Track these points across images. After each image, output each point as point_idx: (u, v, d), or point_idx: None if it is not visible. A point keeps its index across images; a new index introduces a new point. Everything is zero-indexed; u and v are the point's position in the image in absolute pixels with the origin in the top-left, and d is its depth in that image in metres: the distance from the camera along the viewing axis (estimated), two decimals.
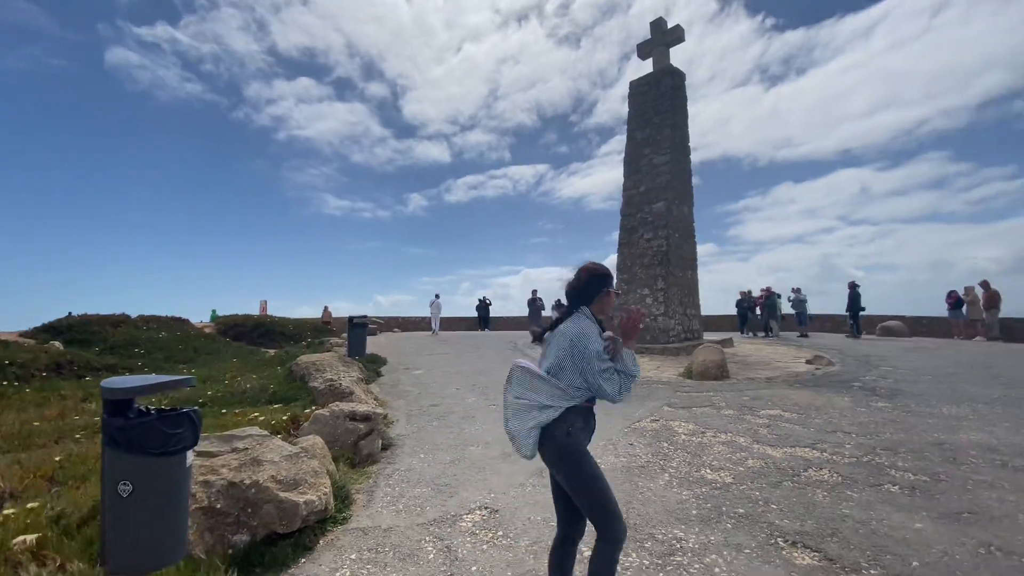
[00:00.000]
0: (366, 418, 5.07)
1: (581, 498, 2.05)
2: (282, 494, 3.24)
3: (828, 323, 19.68)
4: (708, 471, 4.11)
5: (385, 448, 5.19)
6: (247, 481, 3.28)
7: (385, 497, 3.84)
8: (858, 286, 16.50)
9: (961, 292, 14.80)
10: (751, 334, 17.70)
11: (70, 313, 14.12)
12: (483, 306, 24.84)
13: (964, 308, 14.79)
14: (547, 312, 23.05)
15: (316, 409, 5.42)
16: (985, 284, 14.31)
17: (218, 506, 3.17)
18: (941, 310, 17.02)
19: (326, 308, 23.18)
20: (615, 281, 3.40)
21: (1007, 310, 14.86)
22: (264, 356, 12.51)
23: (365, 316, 10.47)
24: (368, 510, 3.62)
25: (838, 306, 17.78)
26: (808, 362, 9.99)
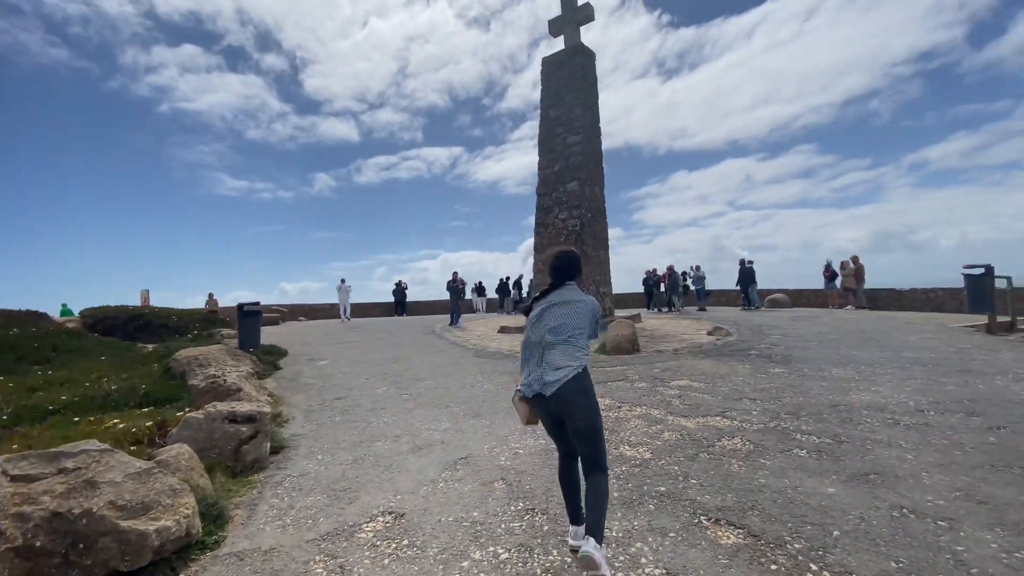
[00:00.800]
0: (249, 419, 4.40)
1: (590, 430, 2.39)
2: (125, 523, 2.60)
3: (723, 298, 21.22)
4: (627, 447, 3.99)
5: (276, 451, 4.55)
6: (77, 510, 2.59)
7: (270, 511, 3.27)
8: (751, 262, 17.87)
9: (837, 266, 16.48)
10: (657, 310, 18.59)
11: None
12: (399, 290, 23.89)
13: (838, 281, 16.50)
14: (468, 296, 22.65)
15: (189, 411, 4.63)
16: (855, 259, 16.05)
17: (38, 544, 2.48)
18: (813, 283, 18.98)
19: (211, 296, 20.95)
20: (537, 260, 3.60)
21: (867, 282, 16.86)
22: (140, 352, 10.91)
23: (258, 303, 9.41)
24: (247, 529, 3.05)
25: (729, 282, 19.23)
26: (709, 333, 10.54)
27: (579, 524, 2.53)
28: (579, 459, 2.53)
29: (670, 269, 17.96)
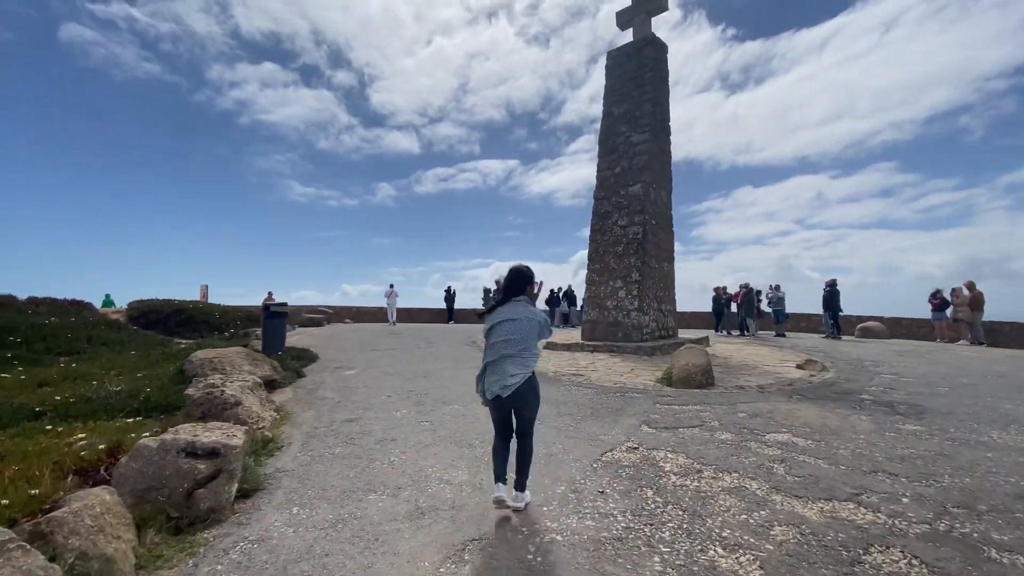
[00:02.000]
0: (212, 453, 3.42)
1: (534, 416, 3.29)
2: None
3: (804, 322, 18.87)
4: (719, 551, 2.66)
5: (247, 495, 3.55)
6: None
7: None
8: (835, 284, 15.65)
9: (947, 293, 14.01)
10: (726, 332, 16.66)
11: None
12: (449, 296, 23.19)
13: (948, 310, 14.01)
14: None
15: (148, 437, 3.72)
16: (971, 285, 13.55)
17: None
18: (895, 310, 16.37)
19: (270, 294, 20.81)
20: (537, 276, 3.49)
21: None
22: (172, 349, 10.55)
23: (284, 304, 8.70)
24: None
25: (797, 305, 17.04)
26: (799, 367, 8.80)
27: (504, 482, 3.15)
28: (512, 437, 3.30)
29: (745, 287, 16.02)
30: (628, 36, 13.03)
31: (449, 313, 23.04)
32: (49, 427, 4.80)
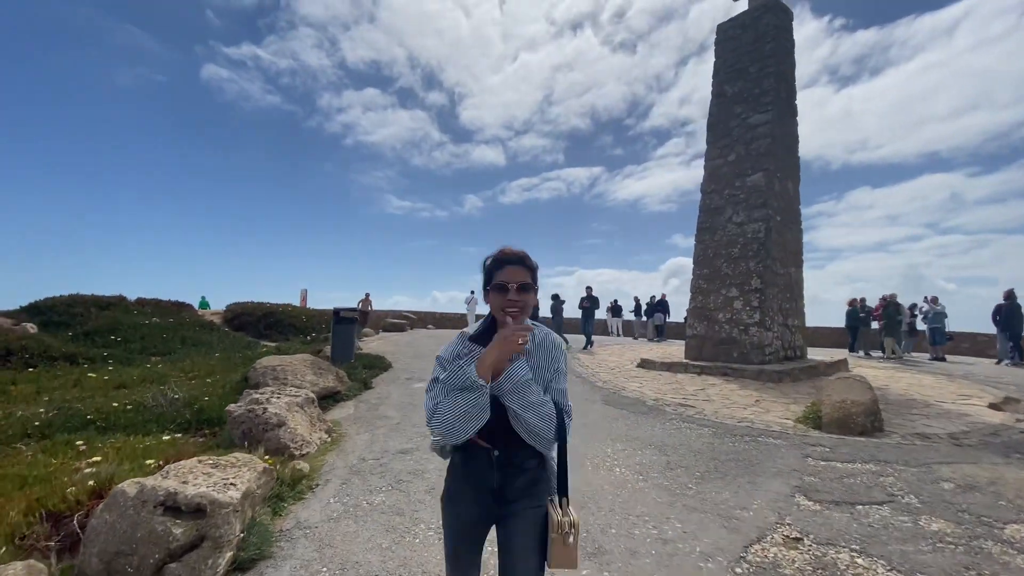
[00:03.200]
0: (196, 511, 2.53)
1: None
2: None
3: (965, 343, 15.34)
4: None
5: (244, 568, 2.63)
6: None
7: None
8: (1015, 296, 12.35)
9: None
10: (864, 353, 13.87)
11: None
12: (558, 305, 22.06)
13: None
14: (601, 314, 20.06)
15: (129, 481, 2.95)
16: None
17: None
18: None
19: (366, 296, 20.29)
20: (505, 270, 1.42)
21: None
22: (256, 352, 10.50)
23: (354, 309, 8.09)
24: None
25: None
26: (994, 406, 6.53)
27: None
28: None
29: (887, 299, 13.21)
30: (742, 7, 11.20)
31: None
32: (80, 442, 4.32)
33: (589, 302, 14.52)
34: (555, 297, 14.94)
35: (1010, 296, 12.34)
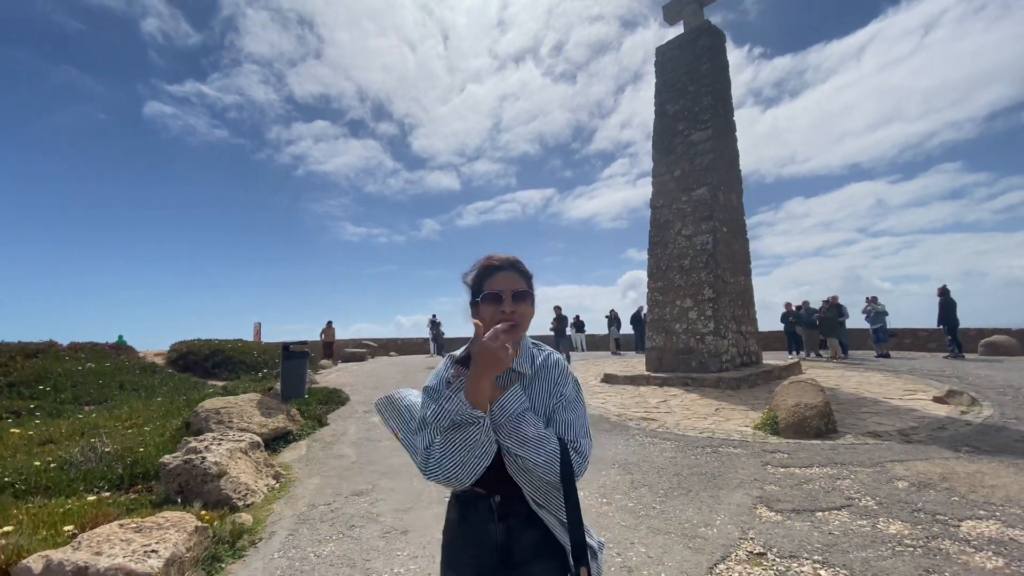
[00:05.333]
0: None
1: None
2: None
3: (907, 339, 16.18)
4: None
5: None
6: None
7: None
8: (948, 292, 13.17)
9: None
10: (804, 355, 14.40)
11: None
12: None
13: None
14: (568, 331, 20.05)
15: (37, 554, 2.62)
16: None
17: None
18: (998, 319, 13.44)
19: (329, 324, 17.95)
20: (494, 277, 1.17)
21: None
22: (201, 393, 9.87)
23: (304, 343, 7.74)
24: None
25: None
26: (938, 399, 6.82)
27: None
28: None
29: (830, 302, 13.82)
30: (676, 32, 11.72)
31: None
32: None
33: (559, 322, 14.56)
34: (557, 310, 14.88)
35: (943, 292, 13.13)
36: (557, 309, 15.09)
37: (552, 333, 14.52)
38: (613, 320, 19.18)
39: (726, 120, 10.87)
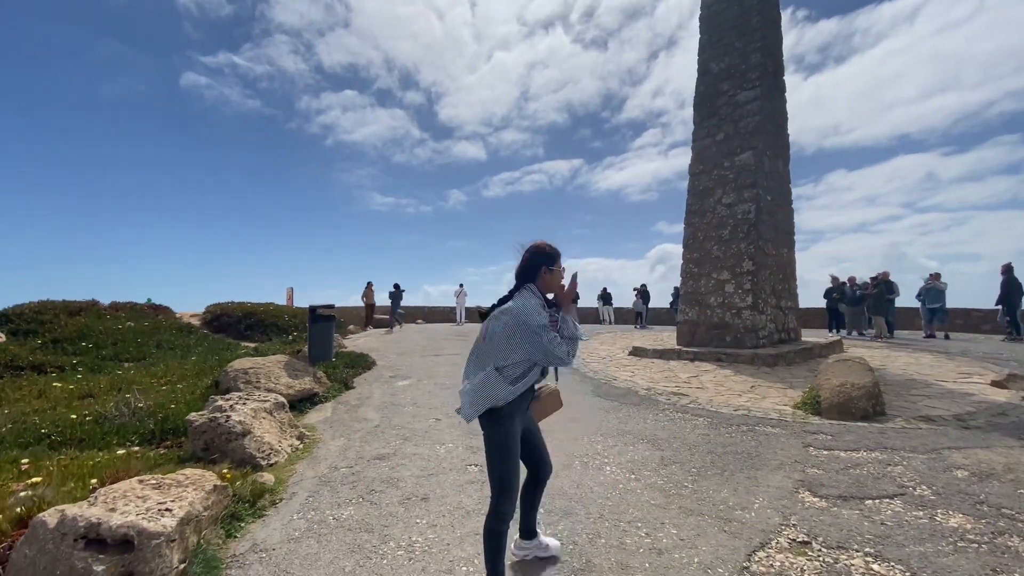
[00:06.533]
0: (124, 544, 2.21)
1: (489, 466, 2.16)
2: None
3: (959, 319, 15.23)
4: None
5: None
6: None
7: None
8: (1012, 270, 12.21)
9: None
10: (846, 332, 13.72)
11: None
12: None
13: None
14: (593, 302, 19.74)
15: (52, 510, 2.60)
16: None
17: None
18: None
19: (369, 286, 18.18)
20: (559, 260, 2.25)
21: None
22: (233, 354, 10.10)
23: (332, 306, 7.71)
24: None
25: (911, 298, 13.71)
26: (997, 384, 6.33)
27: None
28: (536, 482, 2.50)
29: (880, 277, 13.02)
30: None
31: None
32: (25, 460, 3.97)
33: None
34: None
35: (1008, 269, 12.20)
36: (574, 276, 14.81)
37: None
38: (642, 294, 18.73)
39: (776, 79, 10.10)
